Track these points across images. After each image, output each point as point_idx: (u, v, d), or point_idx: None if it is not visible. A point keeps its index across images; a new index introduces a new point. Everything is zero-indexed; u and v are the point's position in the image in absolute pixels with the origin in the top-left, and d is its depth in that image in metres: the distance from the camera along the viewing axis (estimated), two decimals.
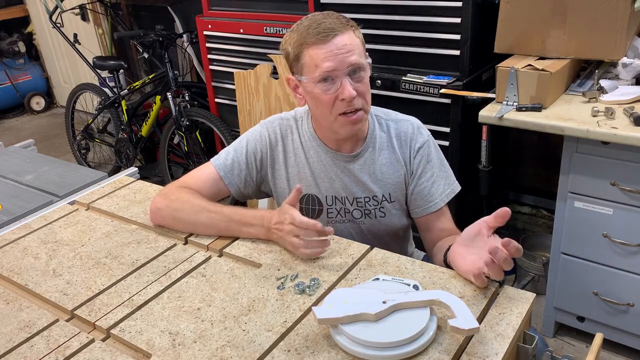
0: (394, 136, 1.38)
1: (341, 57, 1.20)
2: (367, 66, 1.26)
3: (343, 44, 1.21)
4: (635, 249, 1.82)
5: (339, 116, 1.26)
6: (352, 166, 1.37)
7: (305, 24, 1.24)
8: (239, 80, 2.84)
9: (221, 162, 1.41)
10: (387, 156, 1.38)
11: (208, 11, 3.01)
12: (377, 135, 1.38)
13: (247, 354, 0.95)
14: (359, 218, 1.41)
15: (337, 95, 1.23)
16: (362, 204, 1.39)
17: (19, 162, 1.95)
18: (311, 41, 1.21)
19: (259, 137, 1.41)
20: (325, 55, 1.20)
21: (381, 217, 1.40)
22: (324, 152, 1.38)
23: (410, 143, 1.38)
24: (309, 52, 1.22)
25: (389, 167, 1.38)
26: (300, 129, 1.41)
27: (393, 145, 1.38)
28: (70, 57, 4.83)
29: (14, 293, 1.18)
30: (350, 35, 1.23)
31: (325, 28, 1.21)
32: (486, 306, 1.02)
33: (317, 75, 1.22)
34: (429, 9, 2.17)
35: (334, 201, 1.40)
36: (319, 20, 1.23)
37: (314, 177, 1.39)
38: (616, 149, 1.74)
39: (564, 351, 2.09)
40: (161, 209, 1.34)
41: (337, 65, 1.21)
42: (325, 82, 1.23)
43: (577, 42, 1.92)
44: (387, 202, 1.39)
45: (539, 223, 2.79)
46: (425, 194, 1.37)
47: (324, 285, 1.11)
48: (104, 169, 3.91)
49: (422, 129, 1.40)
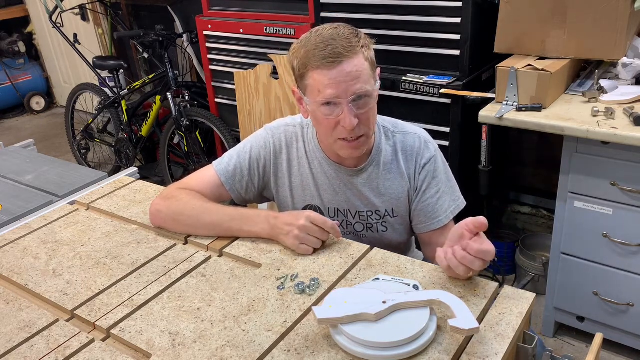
0: (400, 150, 1.36)
1: (345, 85, 1.16)
2: (374, 92, 1.22)
3: (348, 72, 1.16)
4: (635, 249, 1.82)
5: (339, 140, 1.24)
6: (356, 180, 1.35)
7: (313, 42, 1.18)
8: (239, 80, 2.84)
9: (223, 167, 1.39)
10: (391, 171, 1.35)
11: (208, 11, 3.01)
12: (383, 149, 1.35)
13: (247, 354, 0.95)
14: (361, 231, 1.40)
15: (338, 120, 1.21)
16: (364, 217, 1.38)
17: (19, 162, 1.95)
18: (316, 65, 1.17)
19: (263, 144, 1.39)
20: (328, 82, 1.16)
21: (383, 232, 1.39)
22: (327, 165, 1.36)
23: (417, 158, 1.35)
24: (313, 76, 1.18)
25: (392, 182, 1.36)
26: (305, 137, 1.39)
27: (398, 160, 1.35)
28: (70, 57, 4.82)
29: (14, 293, 1.18)
30: (358, 60, 1.17)
31: (332, 52, 1.15)
32: (486, 306, 1.02)
33: (320, 99, 1.19)
34: (429, 9, 2.17)
35: (337, 213, 1.39)
36: (327, 41, 1.17)
37: (317, 188, 1.38)
38: (616, 149, 1.74)
39: (564, 351, 2.09)
40: (161, 211, 1.34)
41: (340, 94, 1.17)
42: (328, 106, 1.19)
43: (577, 42, 1.92)
44: (389, 216, 1.38)
45: (539, 223, 2.79)
46: (430, 211, 1.35)
47: (324, 285, 1.11)
48: (104, 169, 3.91)
49: (429, 144, 1.36)
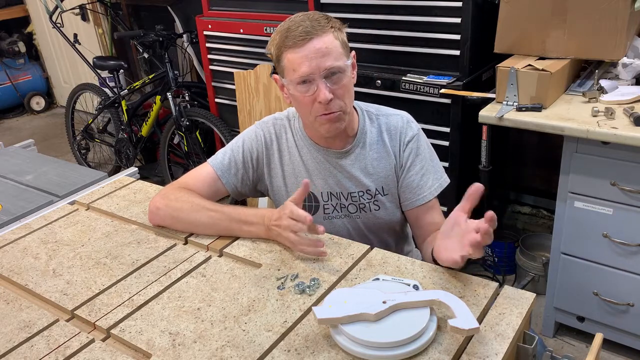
0: (385, 130, 1.41)
1: (317, 61, 1.22)
2: (347, 68, 1.27)
3: (318, 48, 1.22)
4: (635, 249, 1.82)
5: (318, 117, 1.29)
6: (344, 162, 1.39)
7: (285, 26, 1.27)
8: (239, 80, 2.84)
9: (218, 161, 1.42)
10: (377, 150, 1.40)
11: (208, 11, 3.01)
12: (368, 130, 1.41)
13: (247, 354, 0.95)
14: (355, 212, 1.43)
15: (314, 97, 1.26)
16: (356, 198, 1.41)
17: (19, 162, 1.95)
18: (288, 45, 1.24)
19: (254, 136, 1.44)
20: (301, 60, 1.23)
21: (376, 211, 1.42)
22: (315, 150, 1.40)
23: (400, 136, 1.40)
24: (287, 56, 1.25)
25: (379, 161, 1.40)
26: (293, 128, 1.44)
27: (383, 139, 1.40)
28: (70, 57, 4.82)
29: (14, 293, 1.18)
30: (328, 38, 1.24)
31: (302, 32, 1.23)
32: (486, 306, 1.02)
33: (295, 78, 1.25)
34: (429, 9, 2.17)
35: (330, 197, 1.42)
36: (298, 23, 1.25)
37: (309, 174, 1.41)
38: (616, 149, 1.74)
39: (564, 351, 2.09)
40: (160, 208, 1.35)
41: (312, 70, 1.23)
42: (303, 84, 1.25)
43: (577, 42, 1.92)
44: (380, 195, 1.41)
45: (539, 223, 2.79)
46: (414, 187, 1.39)
47: (324, 285, 1.11)
48: (104, 169, 3.91)
49: (412, 123, 1.42)
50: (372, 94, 2.32)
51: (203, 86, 3.34)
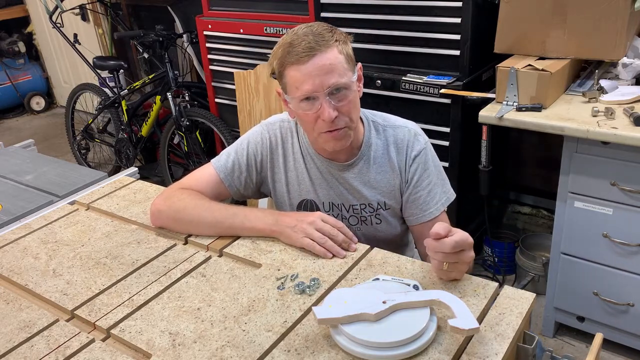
0: (391, 143, 1.37)
1: (320, 78, 1.18)
2: (352, 84, 1.22)
3: (322, 65, 1.17)
4: (635, 249, 1.82)
5: (322, 134, 1.26)
6: (347, 175, 1.37)
7: (288, 40, 1.21)
8: (239, 80, 2.84)
9: (222, 164, 1.40)
10: (382, 164, 1.37)
11: (208, 11, 3.01)
12: (373, 142, 1.37)
13: (247, 354, 0.95)
14: (356, 225, 1.41)
15: (318, 115, 1.22)
16: (357, 211, 1.39)
17: (19, 162, 1.95)
18: (291, 61, 1.19)
19: (259, 138, 1.41)
20: (303, 77, 1.19)
21: (377, 224, 1.40)
22: (319, 160, 1.38)
23: (407, 150, 1.36)
24: (290, 73, 1.21)
25: (383, 175, 1.37)
26: (299, 132, 1.40)
27: (389, 153, 1.37)
28: (70, 57, 4.82)
29: (14, 293, 1.18)
30: (332, 53, 1.19)
31: (305, 47, 1.18)
32: (486, 306, 1.02)
33: (298, 96, 1.21)
34: (429, 9, 2.17)
35: (331, 207, 1.40)
36: (301, 37, 1.19)
37: (312, 183, 1.40)
38: (616, 149, 1.74)
39: (564, 351, 2.09)
40: (162, 210, 1.34)
41: (315, 88, 1.18)
42: (307, 102, 1.21)
43: (577, 42, 1.92)
44: (382, 209, 1.39)
45: (539, 223, 2.79)
46: (421, 203, 1.36)
47: (324, 285, 1.11)
48: (104, 169, 3.91)
49: (419, 136, 1.37)
50: (372, 94, 2.32)
51: (203, 86, 3.34)
